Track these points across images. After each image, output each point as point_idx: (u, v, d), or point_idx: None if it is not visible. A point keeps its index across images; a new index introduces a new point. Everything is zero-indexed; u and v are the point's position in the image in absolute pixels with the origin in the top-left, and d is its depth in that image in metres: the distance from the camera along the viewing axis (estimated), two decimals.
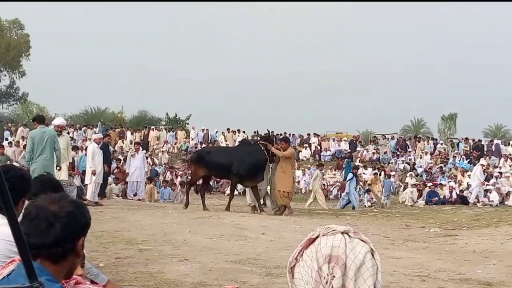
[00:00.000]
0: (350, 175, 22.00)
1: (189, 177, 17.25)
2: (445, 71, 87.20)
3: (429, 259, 7.67)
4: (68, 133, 27.18)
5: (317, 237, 1.80)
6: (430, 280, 6.10)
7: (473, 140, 37.56)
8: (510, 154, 33.64)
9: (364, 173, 27.71)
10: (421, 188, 25.93)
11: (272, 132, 16.02)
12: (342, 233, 1.80)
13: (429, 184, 26.43)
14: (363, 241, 1.78)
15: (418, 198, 25.41)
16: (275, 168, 15.23)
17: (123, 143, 33.82)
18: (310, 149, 35.27)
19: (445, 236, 10.56)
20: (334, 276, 1.69)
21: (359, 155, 33.44)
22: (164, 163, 30.56)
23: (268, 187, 15.57)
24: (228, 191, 27.83)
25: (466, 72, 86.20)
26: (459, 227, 11.91)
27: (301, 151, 34.85)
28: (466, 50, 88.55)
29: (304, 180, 29.55)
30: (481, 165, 24.97)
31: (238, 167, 15.03)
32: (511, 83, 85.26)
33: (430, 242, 9.84)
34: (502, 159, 32.60)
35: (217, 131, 38.88)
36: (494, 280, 6.16)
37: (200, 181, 16.75)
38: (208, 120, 71.01)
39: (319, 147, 35.15)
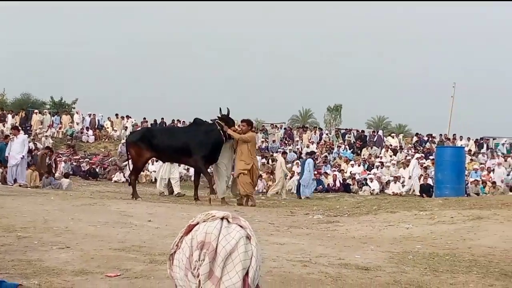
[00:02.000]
0: (310, 161, 21.90)
1: (132, 163, 15.38)
2: (331, 64, 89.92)
3: (311, 244, 7.88)
4: None
5: (197, 223, 1.78)
6: (311, 265, 6.26)
7: (357, 130, 39.03)
8: (391, 145, 35.23)
9: None
10: None
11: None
12: (222, 218, 1.79)
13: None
14: (241, 226, 1.78)
15: None
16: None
17: (4, 126, 32.30)
18: None
19: (327, 222, 10.89)
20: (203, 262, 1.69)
21: None
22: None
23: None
24: (115, 178, 27.34)
25: (351, 65, 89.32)
26: (341, 214, 12.32)
27: None
28: (350, 44, 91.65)
29: None
30: (417, 158, 25.36)
31: (199, 149, 14.07)
32: (393, 77, 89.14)
33: (313, 228, 10.11)
34: (383, 150, 34.08)
35: (102, 116, 37.82)
36: (371, 265, 6.41)
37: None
38: (96, 105, 69.29)
39: None
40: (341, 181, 26.50)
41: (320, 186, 25.89)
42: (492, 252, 7.41)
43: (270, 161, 28.23)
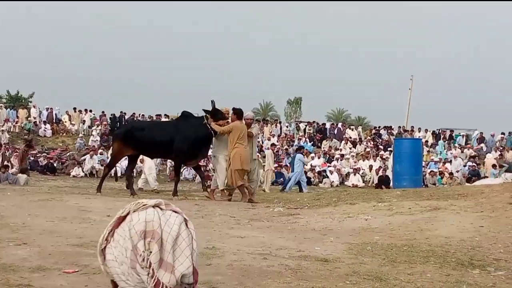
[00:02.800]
0: (300, 156, 21.88)
1: (111, 155, 15.04)
2: (292, 57, 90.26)
3: (271, 237, 7.90)
4: None
5: (128, 214, 1.76)
6: (271, 257, 6.29)
7: (317, 123, 39.30)
8: (350, 138, 35.58)
9: None
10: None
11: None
12: (154, 206, 1.79)
13: (275, 165, 27.32)
14: (175, 212, 1.77)
15: None
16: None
17: None
18: None
19: (287, 215, 10.93)
20: (151, 252, 1.67)
21: None
22: (4, 143, 28.94)
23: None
24: (74, 173, 26.98)
25: (312, 58, 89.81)
26: (301, 206, 12.37)
27: None
28: (306, 38, 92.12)
29: None
30: None
31: (181, 145, 13.59)
32: (353, 70, 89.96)
33: (273, 221, 10.14)
34: (343, 142, 34.39)
35: (58, 109, 37.17)
36: (330, 257, 6.47)
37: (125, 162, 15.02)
38: (53, 98, 68.33)
39: None
40: None
41: (281, 179, 26.01)
42: (449, 242, 7.55)
43: None
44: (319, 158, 29.95)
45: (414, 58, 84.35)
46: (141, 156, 17.43)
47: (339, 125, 39.60)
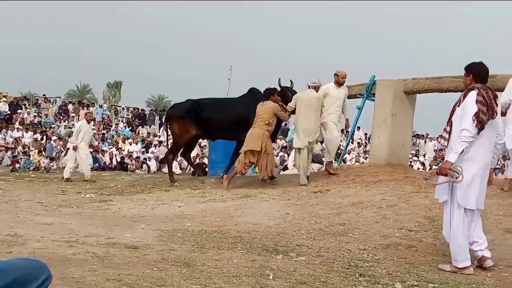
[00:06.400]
0: None
1: (172, 140, 13.08)
2: (112, 41, 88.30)
3: (80, 224, 7.66)
4: None
5: None
6: (78, 245, 6.08)
7: (135, 108, 38.86)
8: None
9: (23, 136, 26.61)
10: None
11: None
12: None
13: (90, 150, 26.52)
14: None
15: None
16: None
17: None
18: None
19: (100, 201, 10.69)
20: None
21: (20, 118, 31.82)
22: None
23: None
24: None
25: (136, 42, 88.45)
26: (115, 193, 12.15)
27: None
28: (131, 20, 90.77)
29: None
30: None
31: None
32: (174, 56, 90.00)
33: (84, 207, 9.85)
34: (162, 128, 34.35)
35: None
36: (140, 244, 6.40)
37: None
38: None
39: None
40: (118, 160, 26.18)
41: (96, 164, 25.34)
42: (256, 228, 7.82)
43: (44, 137, 26.97)
44: (136, 144, 29.58)
45: (233, 47, 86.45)
46: (74, 143, 16.08)
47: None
